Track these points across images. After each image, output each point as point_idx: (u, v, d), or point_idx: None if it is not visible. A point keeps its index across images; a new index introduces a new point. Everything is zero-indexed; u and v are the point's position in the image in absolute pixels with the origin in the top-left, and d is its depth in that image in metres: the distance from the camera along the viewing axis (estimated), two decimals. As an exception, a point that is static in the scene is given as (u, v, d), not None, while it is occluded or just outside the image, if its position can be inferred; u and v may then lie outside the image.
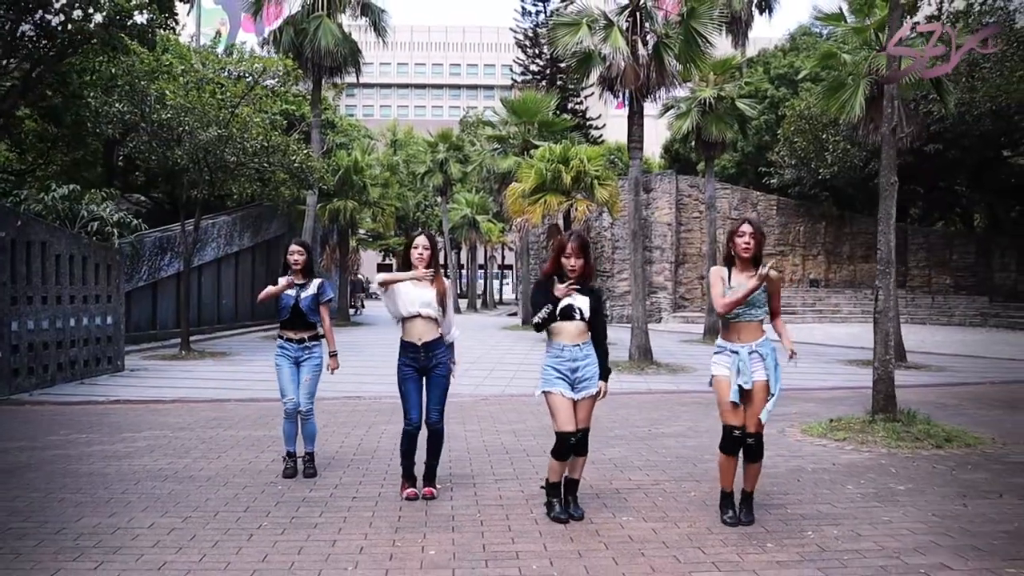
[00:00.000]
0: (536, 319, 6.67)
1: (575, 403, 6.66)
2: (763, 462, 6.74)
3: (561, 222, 29.50)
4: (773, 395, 6.52)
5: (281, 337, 8.44)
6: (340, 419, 11.83)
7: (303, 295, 8.34)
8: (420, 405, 7.36)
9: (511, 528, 6.50)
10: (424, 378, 7.39)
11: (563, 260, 6.69)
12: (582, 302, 6.68)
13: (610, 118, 62.44)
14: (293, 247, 8.58)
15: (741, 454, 6.60)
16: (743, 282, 6.51)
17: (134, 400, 14.29)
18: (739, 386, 6.46)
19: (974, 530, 6.39)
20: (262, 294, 8.44)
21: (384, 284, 7.40)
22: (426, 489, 7.43)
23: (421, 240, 7.47)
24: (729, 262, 6.75)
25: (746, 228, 6.67)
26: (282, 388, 8.37)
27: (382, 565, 5.67)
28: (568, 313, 6.65)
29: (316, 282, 8.51)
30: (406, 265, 7.46)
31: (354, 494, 7.56)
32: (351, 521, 6.71)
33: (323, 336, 8.61)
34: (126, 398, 14.51)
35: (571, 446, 6.61)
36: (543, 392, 6.71)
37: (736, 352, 6.53)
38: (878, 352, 10.66)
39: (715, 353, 6.71)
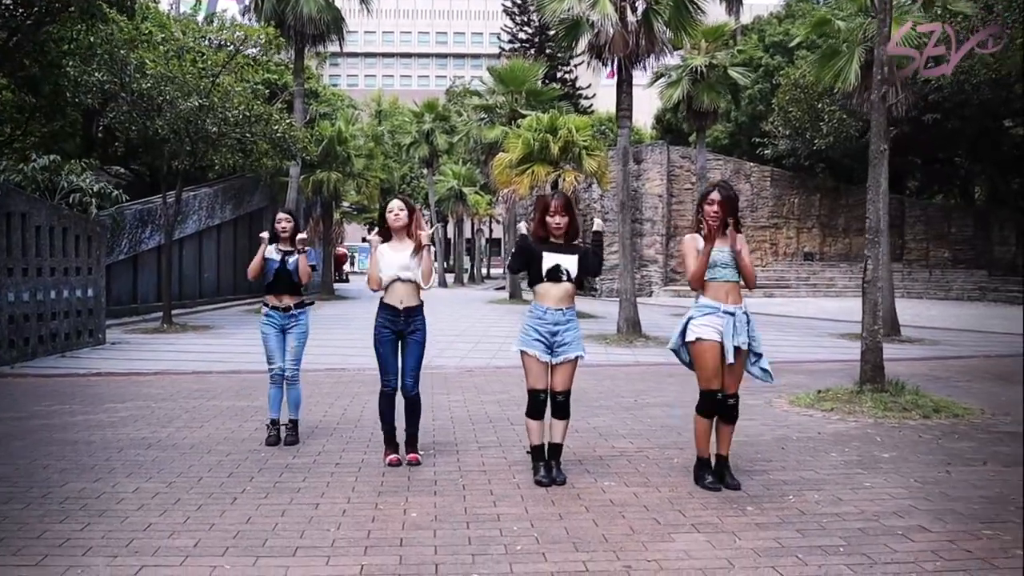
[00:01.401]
0: (513, 252, 6.83)
1: (552, 367, 6.67)
2: (750, 432, 6.73)
3: (549, 193, 29.37)
4: (761, 354, 6.58)
5: (266, 305, 8.36)
6: (324, 390, 11.80)
7: (290, 259, 8.27)
8: (397, 367, 7.37)
9: (493, 492, 6.49)
10: (400, 342, 7.36)
11: (547, 219, 6.67)
12: (569, 262, 6.66)
13: (600, 88, 62.04)
14: (281, 215, 8.53)
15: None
16: (719, 247, 6.51)
17: (116, 372, 14.21)
18: (735, 347, 6.44)
19: (955, 495, 6.40)
20: (251, 268, 8.35)
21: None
22: (411, 455, 7.41)
23: (395, 203, 7.48)
24: (699, 227, 6.70)
25: (714, 196, 6.55)
26: (269, 355, 8.33)
27: (364, 526, 5.65)
28: (554, 274, 6.63)
29: (303, 236, 8.50)
30: (382, 229, 7.45)
31: (337, 460, 7.54)
32: (334, 486, 6.69)
33: (309, 303, 8.58)
34: (108, 370, 14.42)
35: (542, 402, 6.67)
36: (519, 350, 6.72)
37: (732, 313, 6.49)
38: (866, 322, 10.64)
39: (702, 315, 6.57)
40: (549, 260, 6.64)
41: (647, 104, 54.82)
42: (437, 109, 54.12)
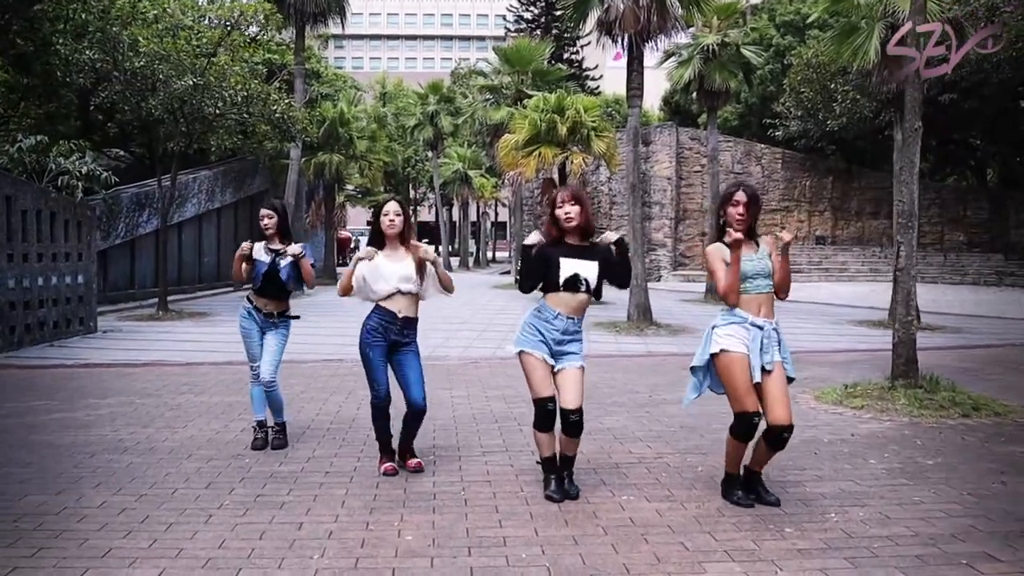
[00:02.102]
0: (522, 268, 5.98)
1: (555, 375, 5.95)
2: None
3: (556, 176, 28.69)
4: (793, 379, 5.85)
5: (250, 301, 7.64)
6: (319, 384, 11.18)
7: (282, 262, 7.55)
8: (387, 376, 6.63)
9: (498, 509, 5.80)
10: (391, 353, 6.66)
11: (556, 211, 5.91)
12: (589, 271, 5.88)
13: (607, 70, 61.39)
14: (263, 211, 7.73)
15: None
16: (747, 255, 5.73)
17: (104, 364, 13.61)
18: (762, 367, 5.68)
19: (1018, 512, 5.68)
20: (235, 272, 7.63)
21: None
22: (415, 462, 6.77)
23: (392, 206, 6.68)
24: (723, 233, 5.85)
25: (739, 196, 5.77)
26: (250, 354, 7.66)
27: (352, 552, 4.99)
28: (573, 284, 5.87)
29: (296, 247, 7.62)
30: (376, 235, 6.69)
31: (327, 468, 6.87)
32: (321, 500, 6.02)
33: (294, 318, 7.85)
34: (96, 361, 13.84)
35: (551, 412, 5.90)
36: (518, 351, 6.01)
37: (760, 327, 5.70)
38: (899, 313, 9.94)
39: (727, 323, 5.75)
40: (567, 267, 5.86)
41: (654, 86, 54.01)
42: (442, 91, 53.51)
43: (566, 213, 5.86)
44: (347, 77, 51.40)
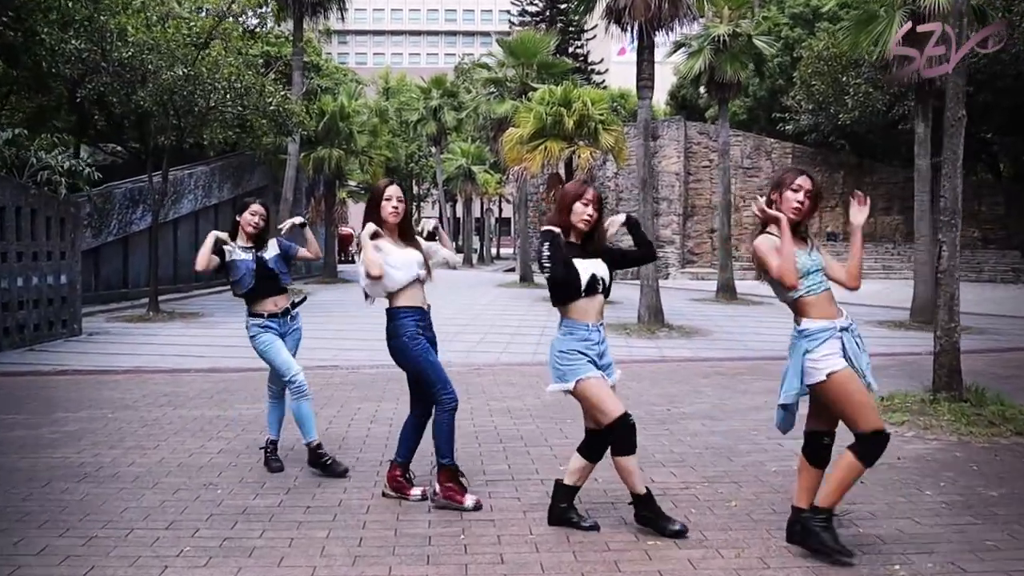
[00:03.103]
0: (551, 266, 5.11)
1: None
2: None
3: (562, 171, 27.96)
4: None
5: (261, 316, 6.84)
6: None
7: (267, 255, 6.80)
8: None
9: (503, 558, 4.93)
10: None
11: (577, 206, 5.19)
12: (602, 269, 5.26)
13: (612, 64, 60.78)
14: (256, 207, 6.94)
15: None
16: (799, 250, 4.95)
17: (84, 370, 12.86)
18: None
19: (1112, 557, 4.84)
20: (200, 259, 6.80)
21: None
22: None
23: (394, 190, 6.04)
24: (765, 224, 5.06)
25: (804, 182, 4.99)
26: (280, 367, 6.81)
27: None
28: (593, 286, 5.19)
29: (272, 242, 6.97)
30: (377, 221, 5.92)
31: (308, 503, 6.02)
32: (298, 544, 5.18)
33: (301, 300, 7.28)
34: (75, 367, 13.10)
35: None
36: (576, 383, 5.16)
37: (847, 328, 4.87)
38: (942, 320, 9.10)
39: (821, 341, 4.81)
40: (584, 270, 5.18)
41: (660, 80, 53.24)
42: (445, 85, 53.09)
43: (589, 215, 5.19)
44: (348, 71, 50.66)
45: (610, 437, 5.16)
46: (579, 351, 5.15)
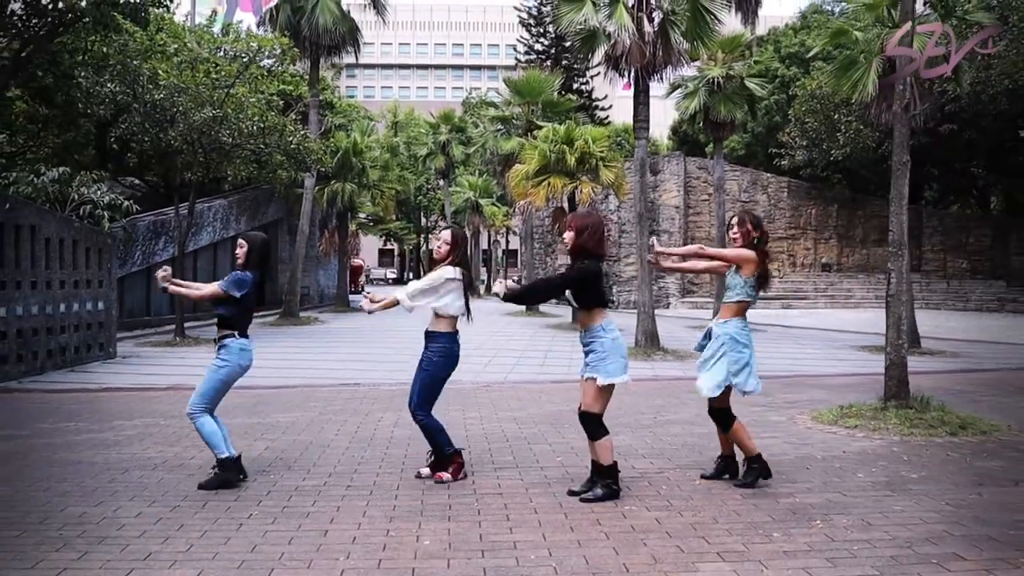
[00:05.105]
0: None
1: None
2: (773, 450, 6.63)
3: (566, 205, 29.14)
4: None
5: (246, 337, 7.67)
6: (335, 407, 11.56)
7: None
8: None
9: (509, 518, 6.25)
10: None
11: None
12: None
13: (617, 99, 61.95)
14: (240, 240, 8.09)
15: None
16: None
17: (125, 387, 14.05)
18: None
19: (989, 519, 6.14)
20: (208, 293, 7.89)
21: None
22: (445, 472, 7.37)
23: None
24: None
25: (735, 222, 7.35)
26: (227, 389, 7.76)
27: (375, 555, 5.43)
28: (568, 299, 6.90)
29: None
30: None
31: (348, 483, 7.30)
32: (344, 510, 6.46)
33: (227, 336, 7.62)
34: (117, 385, 14.27)
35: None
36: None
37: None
38: (890, 337, 10.38)
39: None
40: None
41: (663, 115, 54.61)
42: (453, 120, 54.08)
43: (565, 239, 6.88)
44: (360, 107, 52.03)
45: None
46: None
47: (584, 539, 5.71)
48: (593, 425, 6.71)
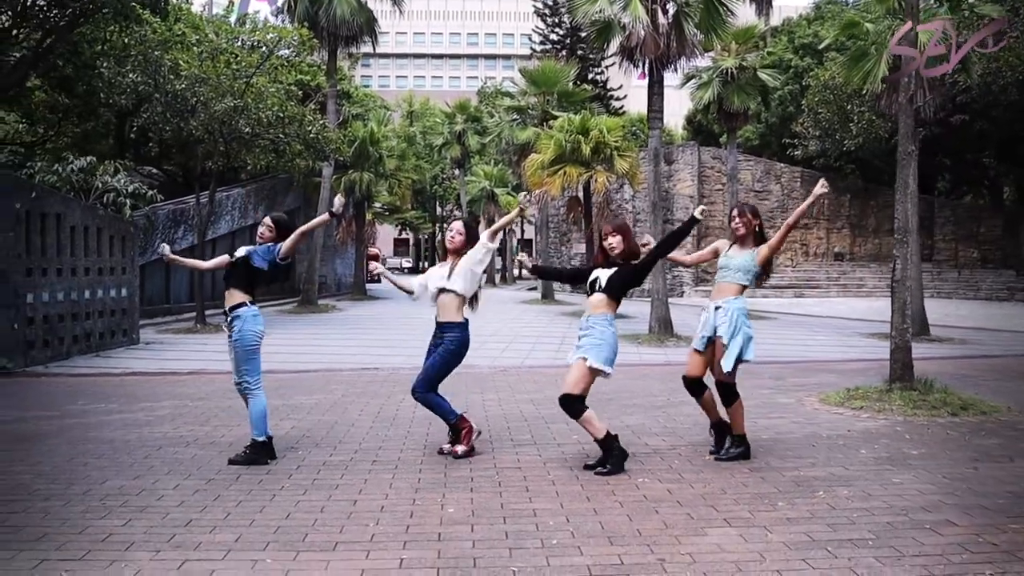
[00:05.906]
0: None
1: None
2: (781, 429, 7.00)
3: (581, 194, 29.46)
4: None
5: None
6: (357, 390, 11.90)
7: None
8: None
9: (528, 488, 6.58)
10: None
11: (603, 242, 7.37)
12: (604, 274, 7.23)
13: (632, 88, 61.98)
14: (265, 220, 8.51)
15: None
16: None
17: (150, 372, 14.42)
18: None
19: (982, 491, 6.46)
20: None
21: None
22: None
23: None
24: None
25: (735, 214, 7.82)
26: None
27: (403, 521, 5.77)
28: (593, 285, 7.23)
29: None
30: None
31: (374, 458, 7.63)
32: (372, 483, 6.80)
33: (241, 304, 8.28)
34: (142, 370, 14.64)
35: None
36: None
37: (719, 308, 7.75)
38: (895, 321, 10.68)
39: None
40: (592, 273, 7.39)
41: (678, 105, 54.76)
42: (469, 110, 54.14)
43: (610, 244, 7.38)
44: (376, 97, 52.21)
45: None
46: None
47: (600, 507, 6.04)
48: (572, 406, 7.03)
